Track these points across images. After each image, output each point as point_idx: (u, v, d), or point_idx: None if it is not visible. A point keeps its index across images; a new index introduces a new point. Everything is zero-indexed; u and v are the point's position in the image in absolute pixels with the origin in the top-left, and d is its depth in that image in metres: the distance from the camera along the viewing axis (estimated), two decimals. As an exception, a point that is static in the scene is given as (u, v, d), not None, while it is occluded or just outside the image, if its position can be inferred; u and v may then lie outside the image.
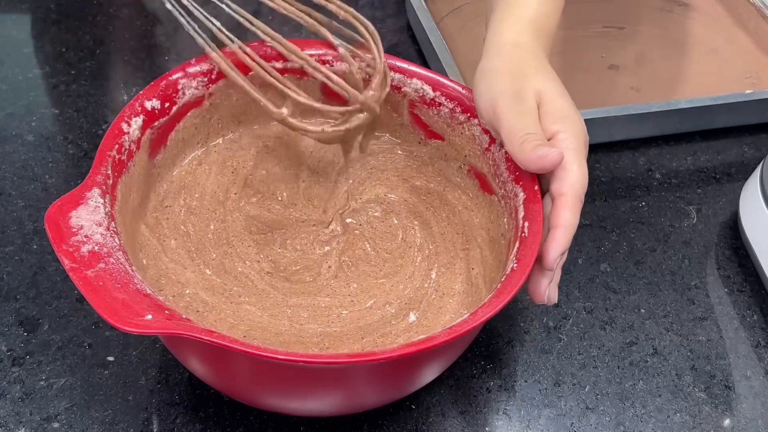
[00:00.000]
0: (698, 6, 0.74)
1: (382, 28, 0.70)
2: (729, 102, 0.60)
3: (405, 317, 0.39)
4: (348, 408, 0.40)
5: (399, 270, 0.41)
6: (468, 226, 0.44)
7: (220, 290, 0.39)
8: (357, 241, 0.43)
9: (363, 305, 0.39)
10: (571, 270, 0.51)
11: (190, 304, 0.38)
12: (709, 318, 0.49)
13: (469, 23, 0.68)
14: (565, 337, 0.47)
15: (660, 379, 0.45)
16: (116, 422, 0.40)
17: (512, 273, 0.36)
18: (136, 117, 0.40)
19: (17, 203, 0.50)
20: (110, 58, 0.63)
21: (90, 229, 0.34)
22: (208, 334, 0.31)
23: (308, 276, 0.40)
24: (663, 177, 0.58)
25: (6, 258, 0.47)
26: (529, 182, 0.39)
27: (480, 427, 0.42)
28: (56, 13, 0.67)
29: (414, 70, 0.46)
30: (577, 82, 0.63)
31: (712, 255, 0.53)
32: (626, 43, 0.68)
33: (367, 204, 0.45)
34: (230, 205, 0.43)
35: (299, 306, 0.39)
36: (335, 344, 0.37)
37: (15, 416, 0.40)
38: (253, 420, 0.41)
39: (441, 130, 0.46)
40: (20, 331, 0.44)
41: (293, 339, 0.37)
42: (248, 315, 0.38)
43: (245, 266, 0.40)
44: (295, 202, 0.44)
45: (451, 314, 0.40)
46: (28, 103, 0.58)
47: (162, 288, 0.38)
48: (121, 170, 0.38)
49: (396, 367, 0.35)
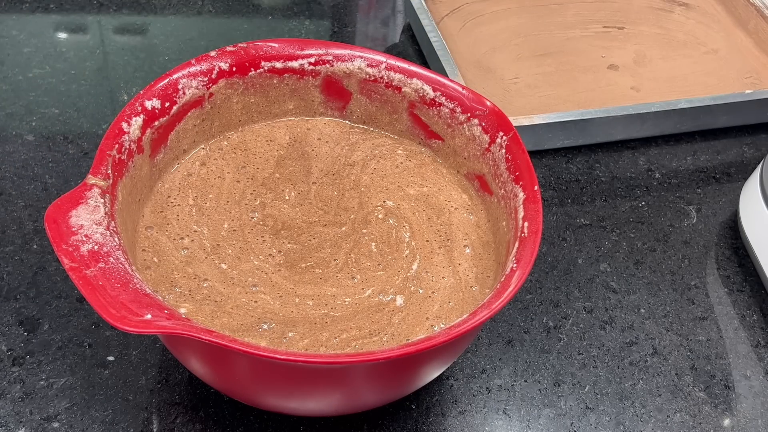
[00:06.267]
0: (698, 6, 0.74)
1: (382, 28, 0.70)
2: (729, 102, 0.60)
3: (393, 301, 0.40)
4: (348, 408, 0.40)
5: (393, 263, 0.42)
6: (466, 226, 0.44)
7: (236, 282, 0.39)
8: (363, 239, 0.43)
9: (363, 294, 0.40)
10: (571, 270, 0.51)
11: (208, 296, 0.38)
12: (708, 318, 0.49)
13: (469, 23, 0.68)
14: (565, 336, 0.47)
15: (660, 378, 0.45)
16: (116, 422, 0.40)
17: (512, 273, 0.36)
18: (136, 117, 0.40)
19: (17, 203, 0.50)
20: (110, 58, 0.63)
21: (90, 228, 0.34)
22: (208, 333, 0.31)
23: (318, 270, 0.41)
24: (663, 177, 0.58)
25: (6, 258, 0.47)
26: (529, 182, 0.39)
27: (480, 427, 0.42)
28: (57, 13, 0.67)
29: (414, 70, 0.46)
30: (577, 82, 0.63)
31: (712, 255, 0.53)
32: (626, 43, 0.68)
33: (375, 205, 0.45)
34: (245, 205, 0.43)
35: (306, 296, 0.39)
36: (335, 323, 0.38)
37: (15, 416, 0.40)
38: (253, 420, 0.41)
39: (441, 130, 0.46)
40: (20, 331, 0.44)
41: (300, 319, 0.38)
42: (262, 303, 0.38)
43: (260, 260, 0.40)
44: (308, 202, 0.44)
45: (438, 304, 0.40)
46: (28, 103, 0.58)
47: (176, 282, 0.39)
48: (121, 170, 0.38)
49: (396, 367, 0.35)
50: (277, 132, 0.47)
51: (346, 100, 0.47)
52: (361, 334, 0.38)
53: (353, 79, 0.46)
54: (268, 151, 0.46)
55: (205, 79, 0.43)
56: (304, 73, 0.46)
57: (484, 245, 0.43)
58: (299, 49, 0.45)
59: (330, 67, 0.46)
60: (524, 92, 0.62)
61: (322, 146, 0.47)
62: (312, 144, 0.47)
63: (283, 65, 0.45)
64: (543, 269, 0.51)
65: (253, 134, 0.47)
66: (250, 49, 0.45)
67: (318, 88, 0.47)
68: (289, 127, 0.48)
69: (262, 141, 0.47)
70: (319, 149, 0.47)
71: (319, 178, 0.45)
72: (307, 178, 0.45)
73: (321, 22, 0.70)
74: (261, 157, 0.46)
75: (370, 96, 0.47)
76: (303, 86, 0.46)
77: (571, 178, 0.57)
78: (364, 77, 0.46)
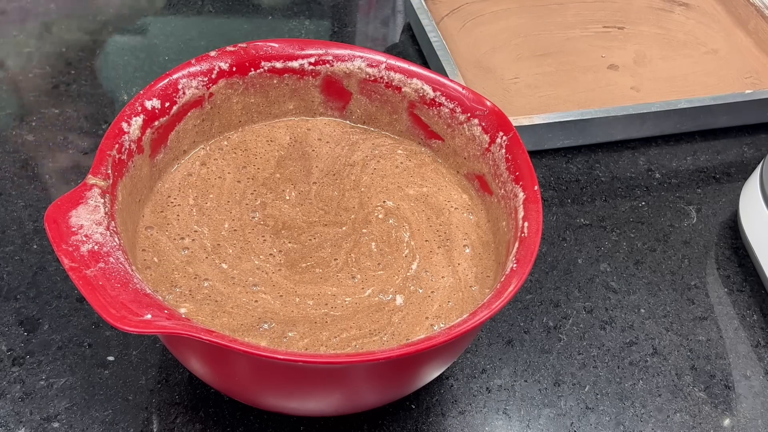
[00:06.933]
0: (698, 6, 0.74)
1: (382, 28, 0.70)
2: (729, 102, 0.60)
3: (393, 301, 0.40)
4: (348, 408, 0.40)
5: (393, 263, 0.42)
6: (466, 226, 0.44)
7: (236, 282, 0.39)
8: (363, 239, 0.43)
9: (363, 293, 0.40)
10: (571, 270, 0.51)
11: (209, 296, 0.38)
12: (708, 318, 0.49)
13: (469, 23, 0.68)
14: (565, 336, 0.47)
15: (660, 378, 0.45)
16: (116, 422, 0.40)
17: (512, 273, 0.36)
18: (136, 117, 0.40)
19: (17, 203, 0.50)
20: (110, 58, 0.63)
21: (90, 228, 0.34)
22: (208, 333, 0.31)
23: (318, 269, 0.41)
24: (663, 177, 0.58)
25: (6, 258, 0.47)
26: (529, 182, 0.39)
27: (480, 427, 0.42)
28: (56, 13, 0.67)
29: (414, 70, 0.46)
30: (577, 82, 0.63)
31: (711, 255, 0.53)
32: (626, 43, 0.68)
33: (375, 205, 0.45)
34: (246, 205, 0.43)
35: (307, 295, 0.39)
36: (335, 322, 0.38)
37: (15, 416, 0.40)
38: (253, 420, 0.41)
39: (441, 130, 0.46)
40: (20, 331, 0.44)
41: (300, 319, 0.38)
42: (262, 303, 0.38)
43: (260, 260, 0.40)
44: (308, 202, 0.44)
45: (438, 304, 0.40)
46: (28, 103, 0.58)
47: (176, 282, 0.39)
48: (121, 170, 0.38)
49: (396, 367, 0.35)
50: (277, 132, 0.47)
51: (346, 100, 0.47)
52: (361, 333, 0.38)
53: (353, 79, 0.46)
54: (268, 152, 0.46)
55: (205, 79, 0.43)
56: (304, 73, 0.46)
57: (483, 245, 0.43)
58: (299, 49, 0.45)
59: (330, 67, 0.46)
60: (524, 92, 0.62)
61: (322, 146, 0.47)
62: (312, 144, 0.47)
63: (283, 65, 0.45)
64: (543, 269, 0.51)
65: (253, 134, 0.47)
66: (250, 49, 0.45)
67: (318, 88, 0.47)
68: (289, 127, 0.48)
69: (263, 141, 0.47)
70: (320, 149, 0.47)
71: (319, 178, 0.45)
72: (308, 178, 0.45)
73: (321, 22, 0.71)
74: (261, 158, 0.46)
75: (370, 96, 0.47)
76: (303, 86, 0.46)
77: (571, 178, 0.57)
78: (364, 77, 0.46)
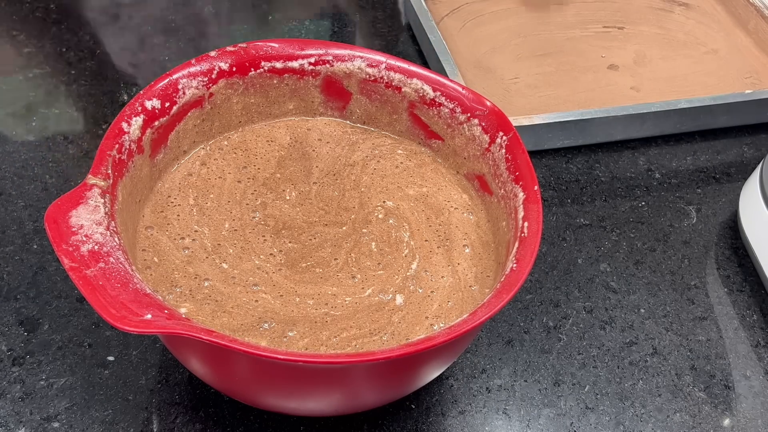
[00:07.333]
0: (698, 6, 0.74)
1: (382, 28, 0.70)
2: (729, 102, 0.60)
3: (393, 300, 0.40)
4: (348, 408, 0.40)
5: (393, 263, 0.42)
6: (465, 226, 0.44)
7: (237, 281, 0.39)
8: (363, 239, 0.43)
9: (363, 293, 0.40)
10: (571, 270, 0.51)
11: (209, 295, 0.38)
12: (708, 318, 0.49)
13: (469, 23, 0.68)
14: (565, 336, 0.47)
15: (660, 378, 0.45)
16: (116, 422, 0.40)
17: (512, 273, 0.36)
18: (136, 117, 0.40)
19: (17, 203, 0.50)
20: (110, 58, 0.63)
21: (90, 228, 0.34)
22: (208, 333, 0.31)
23: (318, 269, 0.41)
24: (663, 177, 0.58)
25: (6, 258, 0.47)
26: (529, 182, 0.39)
27: (480, 427, 0.42)
28: (56, 13, 0.67)
29: (414, 70, 0.46)
30: (577, 82, 0.63)
31: (711, 255, 0.53)
32: (626, 43, 0.68)
33: (375, 205, 0.45)
34: (246, 205, 0.43)
35: (307, 295, 0.39)
36: (335, 321, 0.38)
37: (15, 416, 0.40)
38: (253, 420, 0.41)
39: (441, 130, 0.46)
40: (20, 331, 0.44)
41: (300, 318, 0.38)
42: (263, 302, 0.38)
43: (261, 260, 0.40)
44: (308, 202, 0.44)
45: (438, 303, 0.40)
46: (28, 103, 0.58)
47: (176, 282, 0.39)
48: (121, 170, 0.38)
49: (396, 366, 0.35)
50: (277, 132, 0.47)
51: (346, 100, 0.47)
52: (361, 333, 0.38)
53: (353, 79, 0.46)
54: (269, 152, 0.46)
55: (205, 79, 0.43)
56: (304, 73, 0.46)
57: (483, 245, 0.43)
58: (299, 49, 0.45)
59: (330, 67, 0.46)
60: (524, 92, 0.62)
61: (322, 146, 0.47)
62: (312, 144, 0.47)
63: (283, 65, 0.45)
64: (543, 269, 0.51)
65: (253, 134, 0.47)
66: (250, 49, 0.45)
67: (318, 88, 0.47)
68: (289, 128, 0.48)
69: (263, 141, 0.47)
70: (320, 149, 0.47)
71: (319, 178, 0.45)
72: (308, 178, 0.45)
73: (321, 22, 0.71)
74: (262, 158, 0.46)
75: (370, 96, 0.47)
76: (303, 86, 0.46)
77: (571, 178, 0.57)
78: (364, 77, 0.46)
